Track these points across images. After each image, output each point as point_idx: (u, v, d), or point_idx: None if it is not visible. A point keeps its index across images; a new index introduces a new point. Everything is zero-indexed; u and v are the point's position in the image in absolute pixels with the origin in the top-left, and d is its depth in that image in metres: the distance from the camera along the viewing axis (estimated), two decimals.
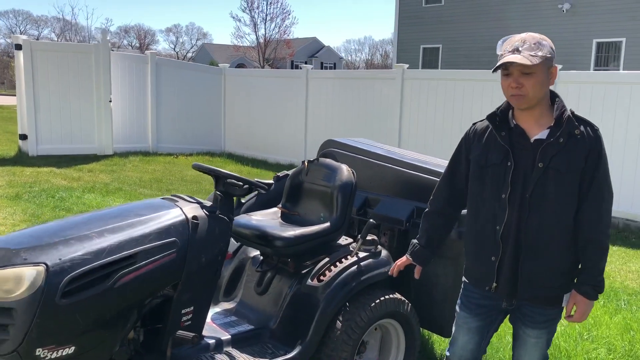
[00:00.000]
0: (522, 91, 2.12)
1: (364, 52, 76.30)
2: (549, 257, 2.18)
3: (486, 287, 2.28)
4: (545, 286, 2.22)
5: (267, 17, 32.38)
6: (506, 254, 2.20)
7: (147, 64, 11.83)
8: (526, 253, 2.17)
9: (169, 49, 67.85)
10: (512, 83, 2.12)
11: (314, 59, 52.94)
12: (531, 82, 2.11)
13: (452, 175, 2.42)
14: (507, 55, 2.11)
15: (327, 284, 2.76)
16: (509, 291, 2.23)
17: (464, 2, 20.72)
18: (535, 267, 2.18)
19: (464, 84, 9.12)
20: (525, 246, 2.17)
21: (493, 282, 2.24)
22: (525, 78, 2.11)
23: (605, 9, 17.63)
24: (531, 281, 2.19)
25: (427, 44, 21.97)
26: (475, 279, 2.35)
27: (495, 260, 2.22)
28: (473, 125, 2.38)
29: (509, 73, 2.13)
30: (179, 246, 2.37)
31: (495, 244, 2.21)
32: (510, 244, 2.19)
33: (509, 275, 2.21)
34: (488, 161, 2.23)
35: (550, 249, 2.17)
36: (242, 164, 11.53)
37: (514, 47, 2.11)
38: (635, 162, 7.26)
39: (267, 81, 12.27)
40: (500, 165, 2.20)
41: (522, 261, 2.18)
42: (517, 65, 2.10)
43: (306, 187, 3.25)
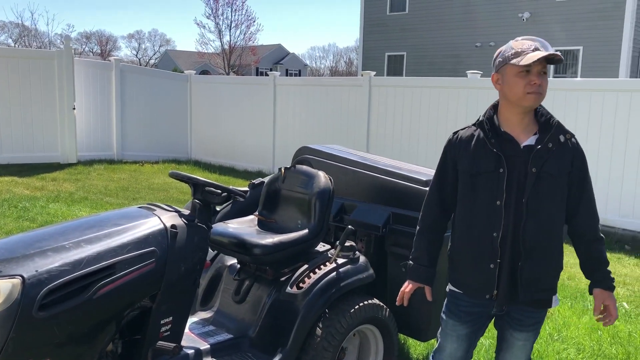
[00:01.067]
0: (540, 89, 2.15)
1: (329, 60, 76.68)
2: (546, 260, 2.23)
3: (486, 296, 2.27)
4: (543, 289, 2.26)
5: (231, 23, 32.25)
6: (504, 260, 2.22)
7: (112, 71, 11.64)
8: (525, 258, 2.20)
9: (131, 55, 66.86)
10: (534, 80, 2.13)
11: (279, 66, 52.94)
12: (546, 82, 2.18)
13: (441, 188, 2.38)
14: (532, 53, 2.11)
15: (307, 291, 2.76)
16: (508, 297, 2.25)
17: (427, 10, 21.07)
18: (534, 272, 2.21)
19: (430, 91, 9.26)
20: (523, 251, 2.19)
21: (494, 289, 2.24)
22: (543, 77, 2.16)
23: (563, 17, 18.18)
24: (530, 285, 2.22)
25: (391, 51, 22.25)
26: (471, 289, 2.32)
27: (495, 267, 2.23)
28: (455, 134, 2.37)
29: (529, 71, 2.13)
30: (158, 256, 2.34)
31: (493, 251, 2.22)
32: (507, 250, 2.21)
33: (508, 281, 2.23)
34: (480, 169, 2.23)
35: (547, 252, 2.23)
36: (209, 172, 11.43)
37: (534, 46, 2.14)
38: (595, 168, 7.48)
39: (234, 88, 12.21)
40: (493, 172, 2.21)
41: (522, 266, 2.20)
42: (540, 64, 2.13)
43: (283, 194, 3.24)
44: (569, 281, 5.50)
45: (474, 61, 18.76)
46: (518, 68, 2.14)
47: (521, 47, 2.15)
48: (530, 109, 2.22)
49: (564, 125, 2.28)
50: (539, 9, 18.60)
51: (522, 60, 2.11)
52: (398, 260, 3.22)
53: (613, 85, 7.55)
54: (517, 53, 2.14)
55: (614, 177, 7.34)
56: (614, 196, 7.36)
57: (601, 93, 7.43)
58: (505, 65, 2.19)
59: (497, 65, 2.24)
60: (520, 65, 2.12)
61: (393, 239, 3.23)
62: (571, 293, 5.08)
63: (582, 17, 17.74)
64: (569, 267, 5.97)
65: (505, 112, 2.27)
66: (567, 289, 5.18)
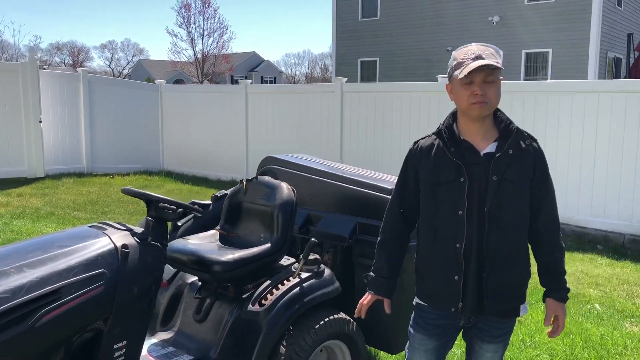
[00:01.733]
0: (486, 98, 2.09)
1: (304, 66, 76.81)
2: (511, 269, 2.18)
3: (452, 308, 2.21)
4: (510, 299, 2.21)
5: (204, 32, 32.04)
6: (469, 271, 2.16)
7: (79, 82, 11.42)
8: (490, 268, 2.14)
9: (104, 65, 66.17)
10: (476, 90, 2.08)
11: (254, 74, 52.78)
12: (493, 90, 2.10)
13: (402, 198, 2.33)
14: (475, 62, 2.06)
15: (269, 309, 2.66)
16: (475, 308, 2.19)
17: (398, 15, 21.17)
18: (499, 281, 2.16)
19: (401, 96, 9.24)
20: (488, 261, 2.14)
21: (459, 302, 2.19)
22: (488, 86, 2.09)
23: (532, 20, 18.40)
24: (496, 296, 2.17)
25: (364, 57, 22.29)
26: (437, 301, 2.26)
27: (459, 279, 2.17)
28: (416, 144, 2.32)
29: (472, 81, 2.09)
30: (107, 278, 2.22)
31: (457, 262, 2.16)
32: (472, 261, 2.15)
33: (474, 292, 2.17)
34: (440, 179, 2.18)
35: (512, 261, 2.17)
36: (182, 182, 11.27)
37: (476, 55, 2.09)
38: (566, 168, 7.51)
39: (205, 97, 12.07)
40: (454, 181, 2.16)
41: (487, 277, 2.15)
42: (481, 73, 2.07)
43: (245, 207, 3.14)
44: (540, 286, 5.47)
45: (446, 65, 18.80)
46: (461, 80, 2.10)
47: (463, 56, 2.12)
48: (480, 118, 2.16)
49: (524, 131, 2.23)
50: (508, 12, 18.81)
51: (461, 72, 2.09)
52: (365, 272, 3.14)
53: (581, 86, 7.60)
54: (459, 64, 2.11)
55: (585, 177, 7.38)
56: (585, 196, 7.40)
57: (569, 95, 7.48)
58: (452, 77, 2.16)
59: (448, 76, 2.22)
60: (462, 78, 2.09)
61: (360, 250, 3.15)
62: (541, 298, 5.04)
63: (550, 19, 17.97)
64: None
65: (462, 121, 2.22)
66: (540, 293, 5.13)
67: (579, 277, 5.76)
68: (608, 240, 7.14)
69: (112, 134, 11.93)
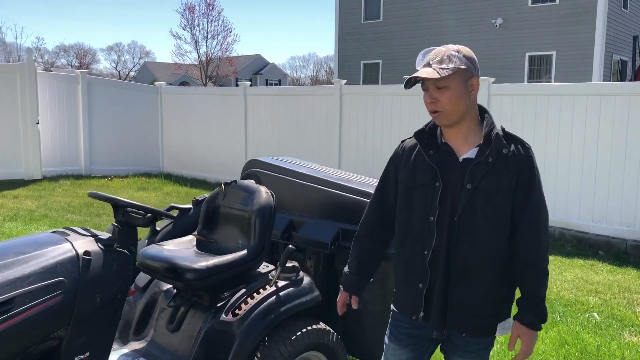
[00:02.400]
0: (438, 106, 2.00)
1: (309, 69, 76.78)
2: (480, 285, 2.03)
3: (413, 317, 2.11)
4: (476, 315, 2.06)
5: (208, 34, 32.01)
6: (435, 281, 2.05)
7: (78, 84, 11.36)
8: (456, 280, 2.02)
9: (111, 67, 66.26)
10: (426, 98, 2.02)
11: (259, 76, 52.75)
12: (446, 97, 1.99)
13: (382, 197, 2.25)
14: (417, 71, 2.01)
15: (243, 319, 2.54)
16: (440, 321, 2.07)
17: (401, 18, 21.04)
18: (465, 296, 2.03)
19: (401, 98, 9.12)
20: (454, 273, 2.02)
21: (420, 311, 2.08)
22: (440, 92, 1.99)
23: (535, 23, 18.23)
24: (461, 311, 2.04)
25: (367, 59, 22.16)
26: (403, 307, 2.18)
27: (423, 287, 2.06)
28: (402, 143, 2.23)
29: (427, 88, 2.02)
30: (66, 287, 2.11)
31: (423, 270, 2.05)
32: (439, 271, 2.03)
33: (439, 304, 2.05)
34: (416, 182, 2.08)
35: (482, 276, 2.02)
36: (180, 184, 11.17)
37: (427, 61, 2.02)
38: (567, 172, 7.37)
39: (204, 99, 11.99)
40: (429, 186, 2.05)
41: (452, 289, 2.03)
42: (428, 80, 1.99)
43: (223, 211, 3.02)
44: None
45: None
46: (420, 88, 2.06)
47: (416, 64, 2.05)
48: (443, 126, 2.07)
49: (513, 136, 2.06)
50: (511, 14, 18.65)
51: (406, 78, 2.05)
52: None
53: (582, 89, 7.46)
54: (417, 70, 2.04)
55: (586, 181, 7.23)
56: (587, 201, 7.25)
57: (570, 97, 7.34)
58: None
59: None
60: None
61: (342, 257, 3.02)
62: None
63: (555, 22, 17.79)
64: None
65: None
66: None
67: (578, 284, 5.61)
68: (610, 246, 6.99)
69: (111, 136, 11.85)
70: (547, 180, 7.59)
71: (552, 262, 6.40)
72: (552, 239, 7.42)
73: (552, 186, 7.44)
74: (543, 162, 7.55)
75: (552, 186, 7.44)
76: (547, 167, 7.47)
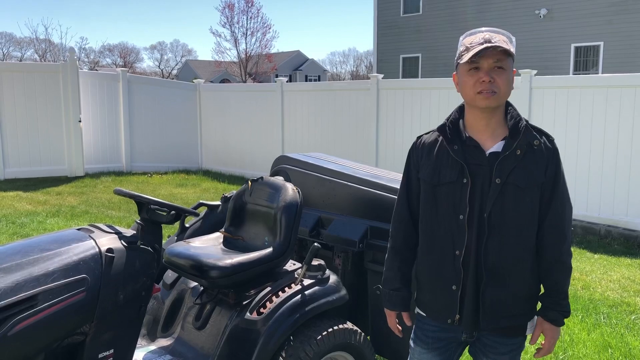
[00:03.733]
0: (494, 86, 1.88)
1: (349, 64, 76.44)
2: (512, 283, 1.95)
3: (448, 320, 2.01)
4: (508, 315, 1.98)
5: (247, 31, 32.23)
6: (468, 281, 1.96)
7: (119, 82, 11.58)
8: (487, 279, 1.93)
9: (154, 66, 67.61)
10: (483, 76, 1.87)
11: (298, 72, 52.88)
12: (503, 77, 1.89)
13: (409, 198, 2.11)
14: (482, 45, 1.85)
15: (267, 317, 2.50)
16: (472, 322, 1.99)
17: (441, 10, 20.68)
18: (498, 295, 1.94)
19: (439, 92, 8.95)
20: (486, 272, 1.93)
21: (456, 313, 1.99)
22: (498, 73, 1.88)
23: (581, 13, 17.64)
24: (494, 310, 1.96)
25: (406, 53, 21.89)
26: (433, 312, 2.07)
27: (457, 289, 1.97)
28: (419, 139, 2.12)
29: (478, 67, 1.88)
30: (89, 284, 2.11)
31: (456, 271, 1.96)
32: (470, 271, 1.95)
33: (472, 304, 1.97)
34: (441, 179, 1.98)
35: (514, 273, 1.95)
36: (218, 181, 11.27)
37: (484, 39, 1.88)
38: (613, 169, 7.08)
39: (242, 95, 12.05)
40: (456, 183, 1.95)
41: (484, 289, 1.94)
42: (490, 58, 1.86)
43: (250, 208, 2.99)
44: (582, 291, 5.13)
45: None
46: (466, 66, 1.89)
47: (471, 42, 1.90)
48: (488, 111, 1.94)
49: (538, 128, 1.98)
50: (556, 4, 18.08)
51: (466, 56, 1.88)
52: (377, 278, 2.95)
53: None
54: (466, 49, 1.90)
55: (635, 177, 6.92)
56: (636, 197, 6.94)
57: (618, 90, 7.04)
58: (458, 65, 1.95)
59: (455, 65, 2.00)
60: (466, 63, 1.88)
61: (371, 255, 2.96)
62: (583, 305, 4.71)
63: (601, 11, 17.16)
64: (584, 275, 5.61)
65: (469, 116, 2.01)
66: (580, 301, 4.82)
67: (625, 284, 5.37)
68: None
69: (150, 133, 12.05)
70: (588, 178, 7.32)
71: (598, 262, 6.16)
72: (598, 236, 7.15)
73: (597, 183, 7.17)
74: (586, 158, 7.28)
75: (597, 183, 7.17)
76: (592, 162, 7.20)
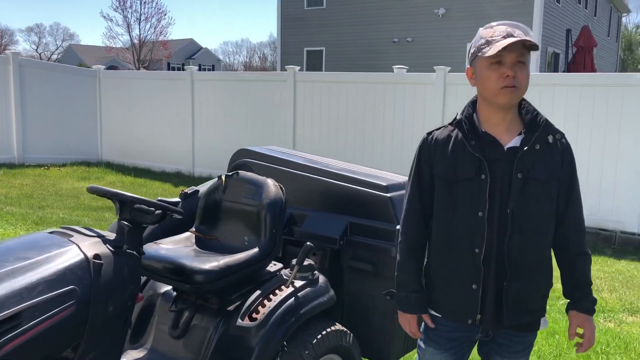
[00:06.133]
0: (516, 82, 1.84)
1: (242, 55, 75.62)
2: (534, 279, 1.96)
3: (468, 320, 1.97)
4: (530, 311, 1.98)
5: (141, 17, 30.69)
6: (489, 280, 1.92)
7: (9, 65, 10.54)
8: (511, 277, 1.91)
9: (31, 50, 62.60)
10: (507, 71, 1.83)
11: (192, 61, 51.29)
12: (525, 73, 1.87)
13: (421, 197, 2.04)
14: (503, 40, 1.81)
15: (262, 323, 2.34)
16: (492, 321, 1.96)
17: (344, 5, 20.92)
18: (521, 291, 1.93)
19: (357, 87, 9.03)
20: (509, 269, 1.91)
21: (477, 313, 1.95)
22: (520, 68, 1.85)
23: (476, 14, 18.58)
24: (517, 307, 1.94)
25: (310, 46, 21.95)
26: (451, 312, 2.02)
27: (478, 288, 1.93)
28: (430, 135, 2.05)
29: (501, 61, 1.84)
30: (78, 296, 1.85)
31: (476, 269, 1.92)
32: (492, 268, 1.92)
33: (493, 303, 1.94)
34: (458, 175, 1.93)
35: (535, 269, 1.95)
36: (123, 174, 10.63)
37: (506, 32, 1.83)
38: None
39: (148, 83, 11.43)
40: (474, 179, 1.90)
41: (507, 286, 1.92)
42: (513, 53, 1.82)
43: (225, 206, 2.79)
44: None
45: (392, 57, 18.79)
46: (488, 60, 1.85)
47: (491, 35, 1.86)
48: (509, 106, 1.92)
49: (552, 124, 2.00)
50: (453, 5, 18.91)
51: (489, 49, 1.83)
52: (356, 276, 2.87)
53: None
54: (487, 42, 1.85)
55: None
56: None
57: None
58: (477, 58, 1.90)
59: (470, 58, 1.95)
60: (489, 57, 1.83)
61: (351, 252, 2.87)
62: None
63: (495, 13, 18.17)
64: None
65: (484, 110, 1.97)
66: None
67: None
68: None
69: (46, 122, 11.10)
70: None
71: None
72: None
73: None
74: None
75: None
76: None
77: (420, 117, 8.43)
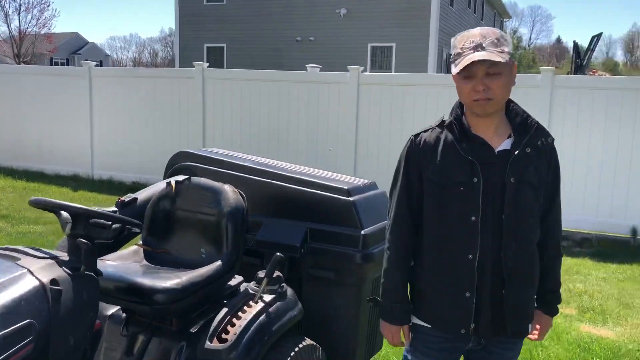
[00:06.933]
0: (489, 94, 1.80)
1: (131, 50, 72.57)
2: (530, 283, 1.94)
3: (461, 330, 1.89)
4: (529, 316, 1.97)
5: (20, 7, 28.41)
6: (483, 287, 1.86)
7: None
8: (509, 283, 1.86)
9: None
10: (477, 86, 1.80)
11: (77, 56, 48.30)
12: (499, 83, 1.81)
13: (410, 202, 1.95)
14: (470, 54, 1.78)
15: (234, 344, 2.12)
16: (488, 329, 1.90)
17: (246, 2, 20.60)
18: (520, 298, 1.90)
19: (270, 85, 8.85)
20: (507, 275, 1.86)
21: (471, 322, 1.87)
22: (491, 79, 1.80)
23: (376, 15, 19.02)
24: (518, 314, 1.90)
25: (210, 43, 21.39)
26: (442, 322, 1.94)
27: (472, 295, 1.86)
28: (417, 137, 1.96)
29: (471, 75, 1.80)
30: (37, 331, 1.55)
31: (470, 276, 1.85)
32: (487, 275, 1.85)
33: (490, 311, 1.87)
34: (450, 179, 1.86)
35: (530, 273, 1.93)
36: (13, 178, 9.71)
37: (476, 43, 1.79)
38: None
39: (40, 79, 10.50)
40: (467, 183, 1.84)
41: (507, 293, 1.87)
42: (481, 66, 1.78)
43: (177, 215, 2.53)
44: None
45: (296, 55, 18.79)
46: (459, 74, 1.82)
47: (462, 45, 1.83)
48: (486, 115, 1.88)
49: (544, 127, 1.99)
50: (354, 5, 19.22)
51: (457, 66, 1.81)
52: (316, 284, 2.73)
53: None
54: (458, 54, 1.83)
55: None
56: None
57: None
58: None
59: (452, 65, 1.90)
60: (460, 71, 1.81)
61: (312, 260, 2.72)
62: None
63: (394, 15, 18.72)
64: None
65: (470, 115, 1.93)
66: None
67: None
68: None
69: None
70: None
71: None
72: None
73: None
74: None
75: None
76: None
77: (335, 116, 8.42)
